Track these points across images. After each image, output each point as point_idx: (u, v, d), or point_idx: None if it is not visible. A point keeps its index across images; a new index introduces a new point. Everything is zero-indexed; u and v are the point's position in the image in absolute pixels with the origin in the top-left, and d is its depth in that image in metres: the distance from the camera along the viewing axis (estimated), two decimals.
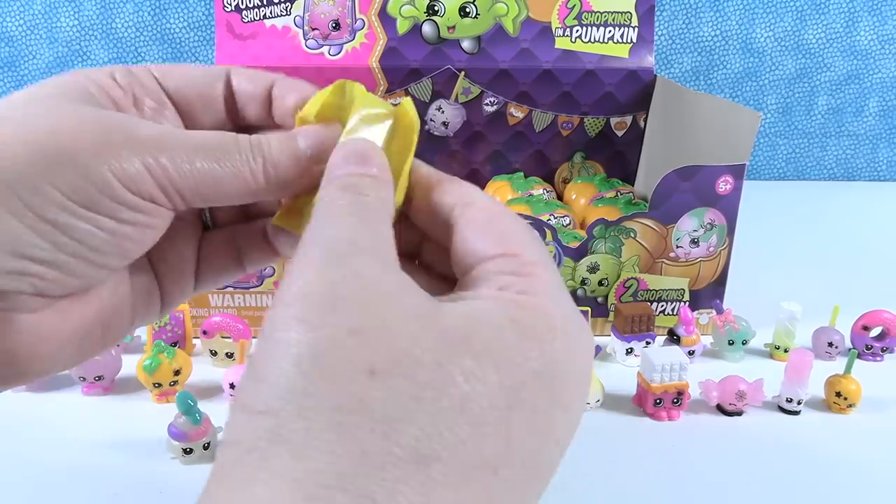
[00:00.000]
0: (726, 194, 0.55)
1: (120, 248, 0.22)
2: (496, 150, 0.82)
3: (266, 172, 0.23)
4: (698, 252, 0.57)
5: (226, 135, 0.24)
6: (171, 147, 0.22)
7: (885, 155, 1.07)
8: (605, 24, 0.77)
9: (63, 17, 0.93)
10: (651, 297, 0.58)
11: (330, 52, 0.75)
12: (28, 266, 0.21)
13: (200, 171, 0.22)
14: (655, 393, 0.48)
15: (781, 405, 0.50)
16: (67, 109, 0.22)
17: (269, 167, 0.23)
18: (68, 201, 0.21)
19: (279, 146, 0.24)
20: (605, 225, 0.55)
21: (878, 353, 0.56)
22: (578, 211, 0.73)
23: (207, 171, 0.22)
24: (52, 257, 0.21)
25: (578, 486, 0.42)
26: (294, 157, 0.24)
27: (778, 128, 1.05)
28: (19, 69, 0.95)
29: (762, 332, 0.57)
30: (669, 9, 0.98)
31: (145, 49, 0.95)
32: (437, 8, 0.76)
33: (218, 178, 0.23)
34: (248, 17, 0.74)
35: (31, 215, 0.20)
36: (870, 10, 0.99)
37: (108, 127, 0.22)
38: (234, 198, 0.24)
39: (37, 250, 0.21)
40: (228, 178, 0.23)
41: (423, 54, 0.76)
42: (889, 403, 0.51)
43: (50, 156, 0.20)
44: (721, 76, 1.02)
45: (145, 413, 0.48)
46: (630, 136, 0.82)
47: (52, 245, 0.21)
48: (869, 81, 1.03)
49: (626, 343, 0.55)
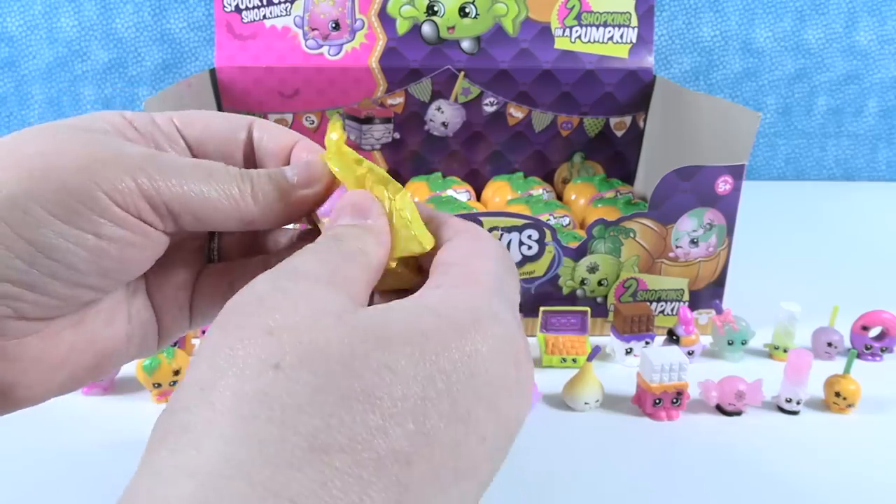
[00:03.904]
0: (726, 194, 0.55)
1: (100, 267, 0.22)
2: (496, 150, 0.82)
3: (254, 195, 0.24)
4: (698, 252, 0.57)
5: (215, 161, 0.24)
6: (160, 165, 0.22)
7: (884, 155, 1.07)
8: (604, 25, 0.77)
9: (63, 17, 0.93)
10: (650, 297, 0.58)
11: (330, 53, 0.75)
12: (5, 288, 0.20)
13: (190, 189, 0.22)
14: (655, 393, 0.48)
15: (781, 405, 0.50)
16: (62, 134, 0.22)
17: (257, 190, 0.24)
18: (49, 217, 0.20)
19: (267, 172, 0.25)
20: (604, 225, 0.55)
21: (877, 353, 0.57)
22: (578, 211, 0.73)
23: (197, 190, 0.23)
24: (29, 278, 0.21)
25: (578, 485, 0.42)
26: (280, 180, 0.24)
27: (777, 128, 1.05)
28: (19, 69, 0.95)
29: (761, 333, 0.57)
30: (669, 9, 0.98)
31: (145, 49, 0.95)
32: (437, 8, 0.76)
33: (208, 199, 0.23)
34: (248, 17, 0.74)
35: (9, 234, 0.20)
36: (869, 11, 0.99)
37: (98, 144, 0.22)
38: (227, 221, 0.24)
39: (12, 271, 0.20)
40: (218, 198, 0.23)
41: (422, 54, 0.76)
42: (888, 403, 0.51)
43: (35, 174, 0.20)
44: (721, 76, 1.02)
45: (145, 413, 0.48)
46: (629, 137, 0.82)
47: (29, 264, 0.20)
48: (868, 82, 1.03)
49: (626, 343, 0.55)
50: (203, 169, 0.23)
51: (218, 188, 0.23)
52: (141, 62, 0.96)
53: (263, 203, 0.24)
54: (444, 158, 0.82)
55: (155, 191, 0.22)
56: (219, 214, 0.23)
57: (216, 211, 0.23)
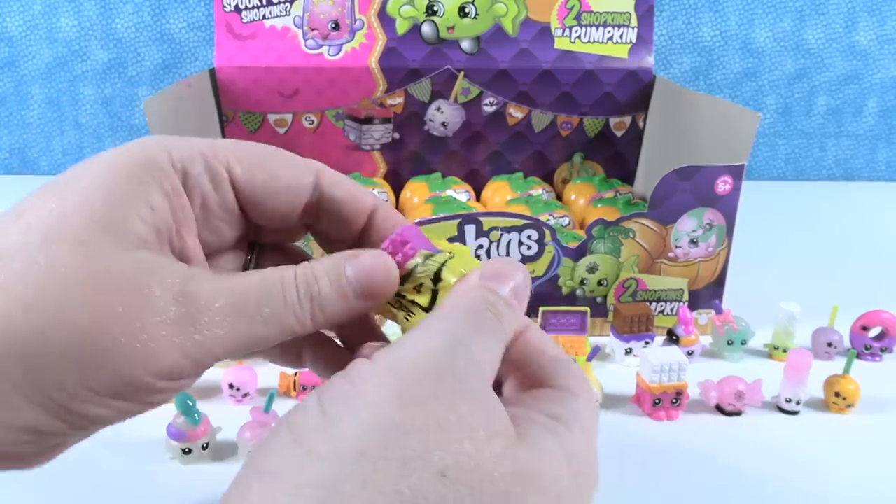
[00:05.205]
0: (725, 194, 0.55)
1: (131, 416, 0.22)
2: (495, 150, 0.82)
3: (314, 316, 0.22)
4: (697, 252, 0.57)
5: (270, 278, 0.22)
6: (205, 309, 0.20)
7: (884, 155, 1.07)
8: (604, 25, 0.77)
9: (63, 17, 0.93)
10: (650, 297, 0.58)
11: (329, 53, 0.75)
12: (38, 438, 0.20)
13: (240, 332, 0.21)
14: (654, 393, 0.48)
15: (780, 405, 0.50)
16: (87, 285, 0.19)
17: (317, 310, 0.22)
18: (94, 395, 0.20)
19: (329, 285, 0.22)
20: (604, 225, 0.55)
21: (877, 353, 0.56)
22: (578, 211, 0.73)
23: (248, 330, 0.21)
24: (64, 432, 0.20)
25: None
26: (343, 293, 0.22)
27: (777, 128, 1.05)
28: (19, 69, 0.95)
29: (761, 333, 0.57)
30: (669, 9, 0.98)
31: (145, 49, 0.95)
32: (437, 8, 0.76)
33: (259, 336, 0.21)
34: (248, 17, 0.74)
35: (55, 407, 0.19)
36: (869, 11, 0.99)
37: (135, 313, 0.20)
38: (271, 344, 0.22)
39: (51, 429, 0.20)
40: (272, 332, 0.21)
41: (422, 54, 0.76)
42: (888, 403, 0.51)
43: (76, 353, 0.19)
44: (720, 76, 1.02)
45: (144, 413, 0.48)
46: (629, 137, 0.82)
47: (67, 425, 0.20)
48: (868, 82, 1.03)
49: (626, 343, 0.55)
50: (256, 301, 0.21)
51: (276, 323, 0.21)
52: (141, 62, 0.96)
53: (323, 322, 0.22)
54: (444, 158, 0.82)
55: (201, 353, 0.20)
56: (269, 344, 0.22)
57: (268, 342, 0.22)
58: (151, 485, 0.42)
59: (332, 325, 0.23)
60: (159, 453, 0.44)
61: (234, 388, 0.48)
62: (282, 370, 0.51)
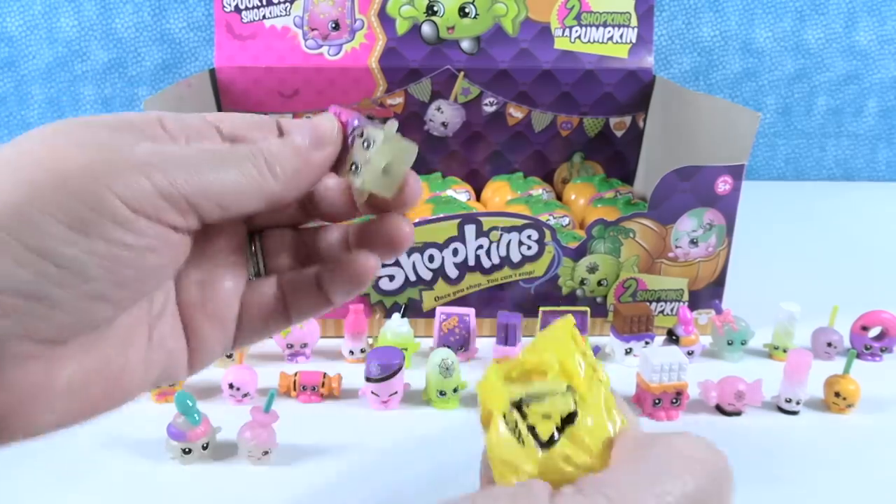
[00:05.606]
0: (725, 194, 0.55)
1: (116, 277, 0.20)
2: (495, 150, 0.82)
3: (271, 167, 0.23)
4: (697, 252, 0.57)
5: (218, 144, 0.24)
6: (172, 158, 0.21)
7: (884, 155, 1.07)
8: (604, 25, 0.77)
9: (63, 17, 0.93)
10: (650, 297, 0.58)
11: (329, 53, 0.75)
12: (13, 301, 0.19)
13: (206, 178, 0.22)
14: (654, 393, 0.48)
15: (780, 405, 0.50)
16: (62, 137, 0.21)
17: (273, 163, 0.23)
18: (57, 224, 0.19)
19: (278, 142, 0.24)
20: (604, 225, 0.55)
21: (876, 353, 0.57)
22: (578, 211, 0.73)
23: (213, 177, 0.22)
24: (38, 290, 0.19)
25: None
26: (294, 147, 0.24)
27: (777, 128, 1.05)
28: (19, 69, 0.95)
29: (761, 333, 0.57)
30: (669, 9, 0.98)
31: (145, 49, 0.95)
32: (437, 8, 0.76)
33: (226, 181, 0.22)
34: (248, 17, 0.74)
35: (14, 245, 0.19)
36: (869, 11, 0.99)
37: (104, 142, 0.21)
38: (250, 202, 0.23)
39: (19, 283, 0.19)
40: (237, 180, 0.22)
41: (422, 54, 0.76)
42: (888, 403, 0.51)
43: (38, 181, 0.19)
44: (720, 76, 1.02)
45: (145, 413, 0.48)
46: (629, 137, 0.82)
47: (37, 276, 0.19)
48: (868, 82, 1.03)
49: (626, 343, 0.55)
50: (213, 154, 0.22)
51: (234, 170, 0.22)
52: (141, 62, 0.96)
53: (282, 175, 0.24)
54: (444, 158, 0.82)
55: (172, 186, 0.21)
56: (242, 197, 0.23)
57: (238, 194, 0.23)
58: (151, 485, 0.42)
59: (298, 184, 0.24)
60: (159, 453, 0.44)
61: (234, 388, 0.48)
62: (282, 370, 0.51)
